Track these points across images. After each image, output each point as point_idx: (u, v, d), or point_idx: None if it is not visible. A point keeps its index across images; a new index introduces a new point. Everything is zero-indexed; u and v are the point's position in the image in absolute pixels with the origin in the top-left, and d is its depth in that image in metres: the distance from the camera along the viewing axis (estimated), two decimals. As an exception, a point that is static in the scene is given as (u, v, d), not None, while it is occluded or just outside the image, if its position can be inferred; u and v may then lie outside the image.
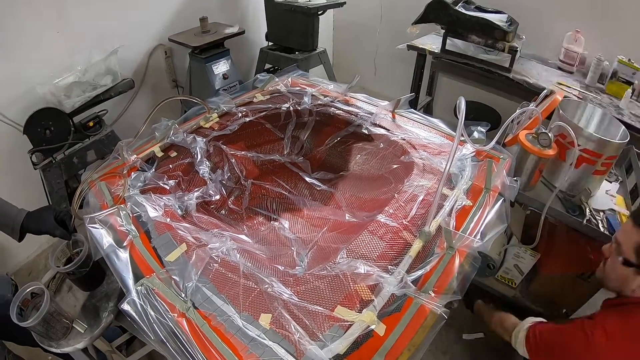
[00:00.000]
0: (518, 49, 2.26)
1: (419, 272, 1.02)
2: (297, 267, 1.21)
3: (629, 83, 2.17)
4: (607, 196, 1.63)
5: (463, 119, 0.94)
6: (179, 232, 1.15)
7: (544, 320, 1.29)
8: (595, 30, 2.40)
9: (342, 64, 4.02)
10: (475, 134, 1.51)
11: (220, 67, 2.52)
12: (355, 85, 1.87)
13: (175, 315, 0.92)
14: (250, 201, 1.69)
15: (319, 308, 0.93)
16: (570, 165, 1.45)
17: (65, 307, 1.18)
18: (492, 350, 1.83)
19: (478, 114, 2.70)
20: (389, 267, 1.03)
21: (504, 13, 2.42)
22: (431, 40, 2.75)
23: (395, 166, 1.55)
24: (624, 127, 1.57)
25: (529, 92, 2.15)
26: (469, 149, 1.44)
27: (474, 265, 1.05)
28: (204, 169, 1.53)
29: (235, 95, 1.87)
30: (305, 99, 1.79)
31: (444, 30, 2.47)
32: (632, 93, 2.12)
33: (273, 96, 1.85)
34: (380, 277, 0.98)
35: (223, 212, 1.61)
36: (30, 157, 1.86)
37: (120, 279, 1.02)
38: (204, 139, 1.57)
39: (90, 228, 1.13)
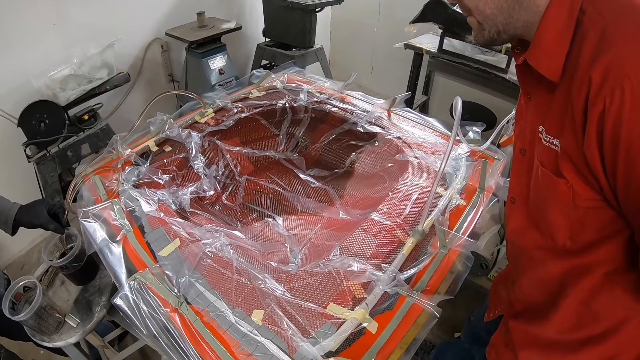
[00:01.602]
0: (514, 49, 2.26)
1: (412, 271, 1.02)
2: (290, 264, 1.21)
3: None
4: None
5: (459, 118, 0.94)
6: (173, 227, 1.15)
7: None
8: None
9: (339, 62, 4.02)
10: (471, 134, 1.51)
11: (217, 63, 2.51)
12: (351, 83, 1.87)
13: (168, 310, 0.92)
14: (244, 197, 1.69)
15: (312, 305, 0.93)
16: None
17: (58, 301, 1.18)
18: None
19: (473, 114, 2.71)
20: (382, 265, 1.03)
21: (502, 13, 2.42)
22: (428, 40, 2.75)
23: (390, 164, 1.55)
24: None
25: (524, 93, 2.15)
26: (463, 148, 1.44)
27: (467, 265, 1.05)
28: (199, 164, 1.53)
29: (231, 90, 1.87)
30: (301, 95, 1.79)
31: (441, 30, 2.47)
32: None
33: (269, 92, 1.85)
34: (373, 275, 0.98)
35: (217, 207, 1.61)
36: (25, 150, 1.85)
37: (113, 273, 1.02)
38: (199, 134, 1.57)
39: (83, 222, 1.13)
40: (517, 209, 0.86)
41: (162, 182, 1.39)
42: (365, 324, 0.90)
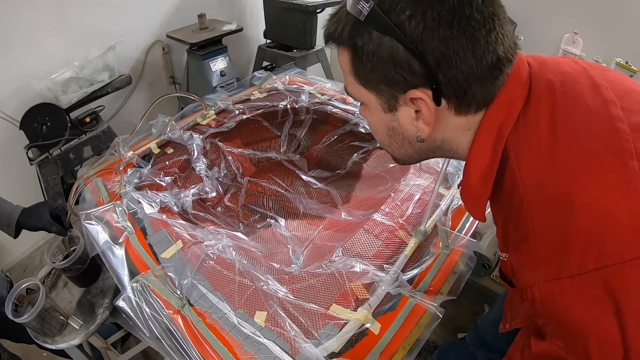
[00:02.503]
0: (516, 49, 2.26)
1: (415, 271, 1.02)
2: (292, 265, 1.21)
3: (626, 85, 2.16)
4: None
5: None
6: (175, 229, 1.15)
7: None
8: (593, 32, 2.41)
9: (340, 63, 4.01)
10: (472, 134, 1.51)
11: (218, 64, 2.51)
12: (352, 83, 1.87)
13: (171, 312, 0.92)
14: (246, 199, 1.69)
15: (314, 306, 0.93)
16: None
17: (61, 303, 1.18)
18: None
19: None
20: (385, 265, 1.03)
21: (502, 13, 2.42)
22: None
23: (391, 165, 1.55)
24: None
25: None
26: (465, 148, 1.44)
27: (470, 265, 1.05)
28: (201, 166, 1.53)
29: (232, 92, 1.87)
30: (303, 97, 1.79)
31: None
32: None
33: (270, 94, 1.85)
34: (375, 276, 0.98)
35: (219, 209, 1.61)
36: (27, 153, 1.85)
37: (115, 275, 1.02)
38: (201, 136, 1.57)
39: (86, 224, 1.13)
40: None
41: (164, 184, 1.39)
42: (368, 325, 0.89)
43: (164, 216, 1.20)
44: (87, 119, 2.01)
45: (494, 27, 0.53)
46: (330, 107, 1.77)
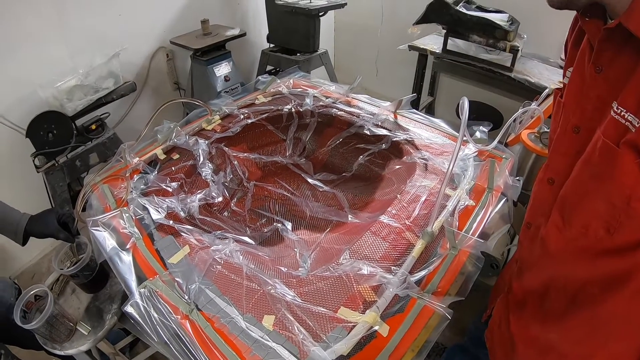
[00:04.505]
0: (519, 48, 2.25)
1: (422, 273, 1.02)
2: (300, 269, 1.20)
3: (631, 82, 2.15)
4: (610, 195, 1.62)
5: (466, 119, 0.94)
6: (182, 234, 1.15)
7: None
8: (597, 29, 2.40)
9: (344, 65, 4.02)
10: (478, 134, 1.50)
11: (222, 69, 2.52)
12: (356, 86, 1.87)
13: (179, 317, 0.92)
14: (252, 203, 1.69)
15: (322, 309, 0.93)
16: (572, 165, 1.45)
17: (69, 310, 1.18)
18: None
19: (480, 113, 2.69)
20: (392, 267, 1.02)
21: (505, 12, 2.41)
22: (432, 41, 2.74)
23: (397, 167, 1.55)
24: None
25: (530, 92, 2.14)
26: (471, 148, 1.44)
27: (477, 266, 1.05)
28: (207, 171, 1.53)
29: (237, 97, 1.87)
30: (307, 100, 1.79)
31: (445, 31, 2.47)
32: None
33: (275, 98, 1.85)
34: (383, 278, 0.98)
35: (226, 214, 1.61)
36: (33, 161, 1.86)
37: (123, 281, 1.02)
38: (206, 141, 1.57)
39: (93, 231, 1.13)
40: (554, 191, 0.79)
41: (171, 190, 1.39)
42: (376, 327, 0.89)
43: (171, 222, 1.20)
44: (93, 126, 2.02)
45: None
46: (334, 110, 1.77)
